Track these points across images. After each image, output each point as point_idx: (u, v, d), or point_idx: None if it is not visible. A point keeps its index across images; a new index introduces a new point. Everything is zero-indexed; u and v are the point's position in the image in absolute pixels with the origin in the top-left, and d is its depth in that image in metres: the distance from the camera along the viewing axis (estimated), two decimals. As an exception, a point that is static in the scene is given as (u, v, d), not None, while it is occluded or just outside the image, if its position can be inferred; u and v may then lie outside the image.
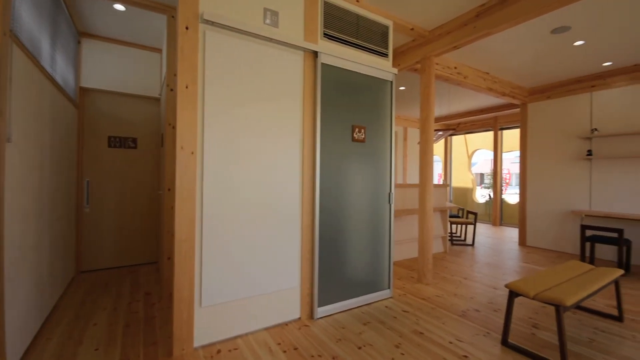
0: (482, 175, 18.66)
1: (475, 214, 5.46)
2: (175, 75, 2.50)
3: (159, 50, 4.12)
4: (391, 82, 3.01)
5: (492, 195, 7.82)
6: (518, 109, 5.81)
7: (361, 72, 2.77)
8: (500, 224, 7.50)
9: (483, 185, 14.82)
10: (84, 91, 3.60)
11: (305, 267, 2.47)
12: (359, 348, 2.04)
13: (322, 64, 2.52)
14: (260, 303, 2.27)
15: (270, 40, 2.26)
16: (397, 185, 4.14)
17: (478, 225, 7.56)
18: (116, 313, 2.51)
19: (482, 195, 9.58)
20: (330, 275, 2.57)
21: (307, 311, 2.48)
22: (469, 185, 9.62)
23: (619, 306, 2.49)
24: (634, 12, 2.88)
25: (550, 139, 5.15)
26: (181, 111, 1.93)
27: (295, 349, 2.02)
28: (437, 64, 3.84)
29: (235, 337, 2.15)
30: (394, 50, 3.82)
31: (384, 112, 2.96)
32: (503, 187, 7.87)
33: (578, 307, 2.75)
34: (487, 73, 4.57)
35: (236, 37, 2.13)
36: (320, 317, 2.49)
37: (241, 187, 2.16)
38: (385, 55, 2.98)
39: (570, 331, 2.32)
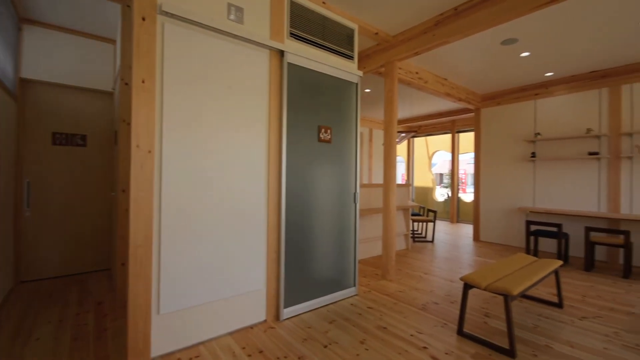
0: (441, 175, 19.72)
1: (434, 212, 5.76)
2: (130, 68, 2.34)
3: (113, 41, 3.84)
4: (356, 84, 3.08)
5: (450, 194, 8.29)
6: (473, 114, 6.24)
7: (327, 73, 2.80)
8: (458, 221, 7.99)
9: (442, 184, 15.67)
10: (24, 83, 3.25)
11: (272, 268, 2.44)
12: (325, 346, 2.06)
13: (289, 63, 2.51)
14: (225, 307, 2.20)
15: (235, 37, 2.21)
16: (362, 185, 4.24)
17: (437, 222, 7.98)
18: (62, 326, 2.30)
19: (441, 194, 10.13)
20: (296, 276, 2.57)
21: (273, 313, 2.45)
22: (430, 184, 10.12)
23: (559, 294, 2.76)
24: (571, 29, 3.21)
25: (500, 141, 5.58)
26: (137, 107, 1.82)
27: (261, 352, 1.99)
28: (400, 68, 4.00)
29: (197, 344, 2.07)
30: (360, 53, 3.91)
31: (349, 113, 3.01)
32: (460, 187, 8.38)
33: (524, 295, 3.01)
34: (446, 79, 4.84)
35: (198, 32, 2.05)
36: (287, 318, 2.47)
37: (204, 187, 2.08)
38: (351, 57, 3.03)
39: (517, 318, 2.53)
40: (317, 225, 2.72)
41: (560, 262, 2.72)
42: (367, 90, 5.58)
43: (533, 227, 4.91)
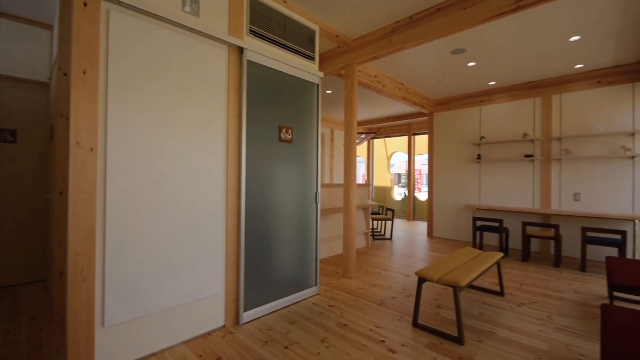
0: (399, 175, 20.65)
1: (393, 210, 6.01)
2: (69, 57, 2.13)
3: (50, 27, 3.45)
4: (317, 85, 3.10)
5: (406, 194, 8.71)
6: (427, 117, 6.64)
7: (289, 72, 2.78)
8: (414, 219, 8.42)
9: (400, 184, 16.39)
10: None
11: (231, 272, 2.37)
12: (286, 348, 2.05)
13: (249, 61, 2.46)
14: (179, 315, 2.09)
15: (191, 30, 2.11)
16: (323, 185, 4.28)
17: (395, 220, 8.34)
18: (-16, 347, 2.01)
19: (399, 193, 10.60)
20: (257, 278, 2.52)
21: (233, 317, 2.38)
22: (388, 184, 10.54)
23: (501, 283, 3.04)
24: (510, 44, 3.54)
25: (451, 144, 5.99)
26: (77, 100, 1.65)
27: (219, 358, 1.93)
28: (359, 71, 4.11)
29: (149, 356, 1.94)
30: (321, 55, 3.95)
31: (310, 113, 3.03)
32: (416, 186, 8.84)
33: (470, 286, 3.26)
34: (402, 84, 5.07)
35: (150, 22, 1.92)
36: (247, 322, 2.42)
37: (155, 189, 1.96)
38: (312, 58, 3.05)
39: (465, 307, 2.73)
40: (278, 226, 2.69)
41: (501, 254, 2.99)
42: (329, 92, 5.66)
43: (478, 223, 5.34)
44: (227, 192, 2.35)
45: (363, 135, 7.05)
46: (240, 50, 2.43)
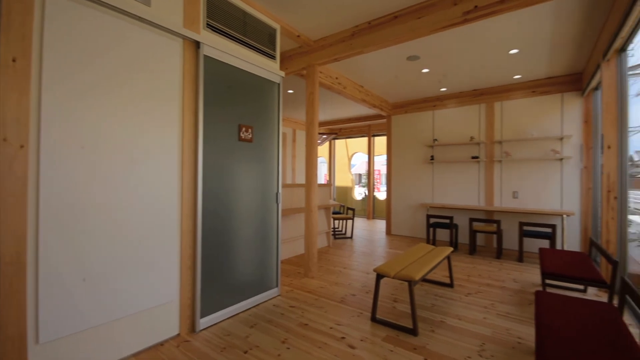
0: (360, 175, 21.21)
1: (353, 210, 6.16)
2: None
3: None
4: (279, 84, 3.08)
5: (367, 193, 8.98)
6: (385, 120, 6.91)
7: (249, 70, 2.73)
8: (373, 218, 8.71)
9: (361, 184, 16.85)
10: None
11: (186, 277, 2.26)
12: (245, 352, 2.01)
13: (206, 56, 2.36)
14: (127, 326, 1.94)
15: (141, 19, 1.97)
16: (285, 185, 4.26)
17: (356, 219, 8.55)
18: None
19: (359, 193, 10.89)
20: (215, 282, 2.43)
21: (188, 324, 2.27)
22: (349, 184, 10.78)
23: (451, 276, 3.26)
24: (459, 54, 3.82)
25: (407, 146, 6.30)
26: (5, 91, 1.46)
27: (173, 368, 1.83)
28: (321, 72, 4.15)
29: (93, 372, 1.78)
30: (282, 54, 3.92)
31: (271, 113, 2.99)
32: (375, 186, 9.16)
33: (424, 280, 3.46)
34: (362, 86, 5.22)
35: (93, 8, 1.76)
36: (204, 329, 2.32)
37: (98, 191, 1.80)
38: (273, 57, 3.02)
39: (419, 300, 2.89)
40: (238, 227, 2.62)
41: (451, 249, 3.21)
42: (290, 91, 5.64)
43: (432, 220, 5.68)
44: (182, 193, 2.23)
45: (324, 136, 7.14)
46: (197, 44, 2.33)
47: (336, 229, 6.35)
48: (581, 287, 3.20)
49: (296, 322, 2.42)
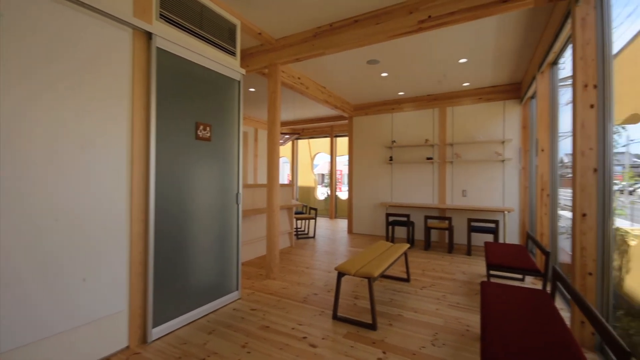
0: (322, 175, 21.41)
1: (316, 209, 6.20)
2: None
3: None
4: (239, 81, 3.00)
5: (329, 193, 9.09)
6: (347, 121, 7.06)
7: (207, 66, 2.62)
8: (335, 217, 8.84)
9: (323, 184, 17.02)
10: None
11: (136, 284, 2.10)
12: None
13: (159, 49, 2.22)
14: (67, 341, 1.76)
15: (83, 5, 1.79)
16: (246, 186, 4.16)
17: (318, 219, 8.61)
18: None
19: (322, 193, 10.99)
20: (170, 288, 2.30)
21: (139, 335, 2.12)
22: (312, 184, 10.83)
23: (407, 271, 3.42)
24: (414, 60, 4.02)
25: (368, 146, 6.49)
26: None
27: (122, 383, 1.69)
28: (283, 71, 4.11)
29: (24, 396, 1.58)
30: (243, 51, 3.82)
31: (231, 111, 2.90)
32: (337, 186, 9.31)
33: (383, 276, 3.59)
34: (324, 87, 5.28)
35: (21, -12, 1.56)
36: (157, 339, 2.18)
37: (32, 192, 1.61)
38: (233, 54, 2.93)
39: (378, 295, 3.00)
40: (195, 230, 2.50)
41: (408, 245, 3.37)
42: (252, 90, 5.52)
43: (390, 219, 5.91)
44: (131, 194, 2.07)
45: (287, 136, 7.09)
46: (149, 35, 2.18)
47: (299, 229, 6.35)
48: (520, 276, 3.54)
49: (257, 325, 2.38)
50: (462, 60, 4.05)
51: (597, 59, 2.07)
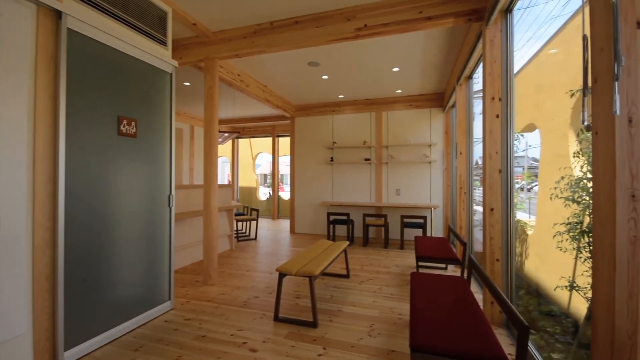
0: (265, 175, 21.04)
1: (257, 210, 6.07)
2: None
3: None
4: (171, 74, 2.77)
5: (271, 193, 8.98)
6: (289, 121, 7.06)
7: (134, 55, 2.36)
8: (278, 217, 8.77)
9: (266, 184, 16.73)
10: None
11: (41, 302, 1.80)
12: (128, 380, 1.74)
13: (71, 30, 1.93)
14: (-58, 379, 1.43)
15: (-38, -32, 1.47)
16: (180, 187, 3.88)
17: (260, 220, 8.44)
18: None
19: (264, 193, 10.80)
20: (87, 304, 2.02)
21: (46, 361, 1.82)
22: (254, 184, 10.57)
23: (347, 267, 3.56)
24: (353, 66, 4.20)
25: (309, 147, 6.58)
26: None
27: (21, 422, 1.43)
28: (221, 67, 3.93)
29: None
30: (176, 42, 3.55)
31: (162, 105, 2.67)
32: (280, 186, 9.24)
33: (324, 273, 3.68)
34: (266, 86, 5.19)
35: None
36: (70, 362, 1.90)
37: None
38: (164, 43, 2.70)
39: (319, 293, 3.06)
40: (118, 237, 2.24)
41: (347, 243, 3.51)
42: (186, 84, 5.16)
43: (331, 217, 6.09)
44: (33, 198, 1.77)
45: (226, 134, 6.80)
46: (58, 14, 1.88)
47: (239, 231, 6.13)
48: (443, 265, 3.96)
49: (192, 336, 2.23)
50: (395, 69, 4.36)
51: (502, 75, 2.42)
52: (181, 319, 2.50)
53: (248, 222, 6.83)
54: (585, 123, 1.09)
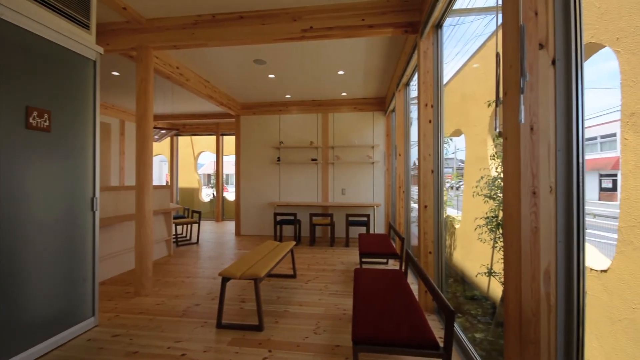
0: (209, 175, 19.97)
1: (199, 212, 5.73)
2: None
3: None
4: (95, 61, 2.47)
5: (215, 194, 8.56)
6: (234, 119, 6.81)
7: (48, 38, 2.04)
8: (223, 219, 8.40)
9: (210, 185, 15.90)
10: None
11: None
12: (39, 412, 1.50)
13: (-44, 0, 1.60)
14: None
15: None
16: (107, 188, 3.48)
17: (204, 222, 7.99)
18: None
19: (207, 194, 10.24)
20: (-20, 329, 1.68)
21: None
22: (196, 185, 9.96)
23: (294, 267, 3.56)
24: (300, 67, 4.21)
25: (256, 147, 6.43)
26: None
27: None
28: (157, 57, 3.62)
29: None
30: (103, 26, 3.17)
31: (84, 96, 2.36)
32: (225, 187, 8.86)
33: (270, 275, 3.63)
34: (208, 81, 4.93)
35: None
36: (-42, 401, 1.57)
37: None
38: (86, 26, 2.39)
39: (265, 295, 3.01)
40: (25, 247, 1.91)
41: (294, 243, 3.51)
42: (115, 74, 4.64)
43: (278, 218, 6.04)
44: None
45: (164, 131, 6.28)
46: (-62, -21, 1.54)
47: (179, 235, 5.72)
48: (384, 260, 4.20)
49: (121, 354, 2.01)
50: (341, 72, 4.49)
51: (434, 84, 2.65)
52: (108, 336, 2.24)
53: (189, 226, 6.42)
54: (498, 130, 1.25)
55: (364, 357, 1.95)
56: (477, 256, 3.65)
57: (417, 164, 2.81)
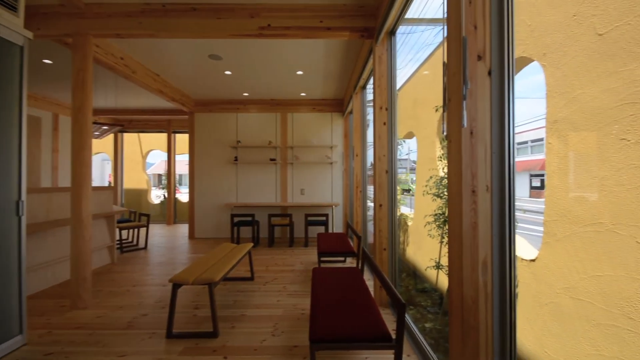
0: (160, 176, 18.69)
1: (148, 215, 5.34)
2: None
3: None
4: (22, 46, 2.18)
5: (166, 195, 8.05)
6: (187, 116, 6.45)
7: (-50, 12, 1.75)
8: (175, 222, 7.92)
9: (161, 185, 14.89)
10: None
11: None
12: None
13: None
14: None
15: None
16: (36, 190, 3.09)
17: (153, 226, 7.47)
18: None
19: (157, 196, 9.59)
20: None
21: None
22: (144, 186, 9.28)
23: (251, 269, 3.48)
24: (258, 65, 4.13)
25: (211, 145, 6.17)
26: None
27: None
28: (97, 46, 3.29)
29: None
30: (34, 8, 2.80)
31: (8, 86, 2.07)
32: (177, 187, 8.36)
33: (226, 279, 3.51)
34: (158, 75, 4.61)
35: None
36: None
37: None
38: (12, 8, 2.09)
39: (221, 300, 2.90)
40: None
41: (252, 244, 3.43)
42: (48, 62, 4.14)
43: (236, 219, 5.85)
44: None
45: (105, 127, 5.75)
46: None
47: (124, 241, 5.28)
48: (342, 258, 4.29)
49: (54, 373, 1.80)
50: (299, 72, 4.49)
51: (388, 88, 2.77)
52: (39, 355, 1.98)
53: (136, 230, 5.96)
54: (444, 133, 1.35)
55: (322, 355, 1.97)
56: (427, 251, 3.89)
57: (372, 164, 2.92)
